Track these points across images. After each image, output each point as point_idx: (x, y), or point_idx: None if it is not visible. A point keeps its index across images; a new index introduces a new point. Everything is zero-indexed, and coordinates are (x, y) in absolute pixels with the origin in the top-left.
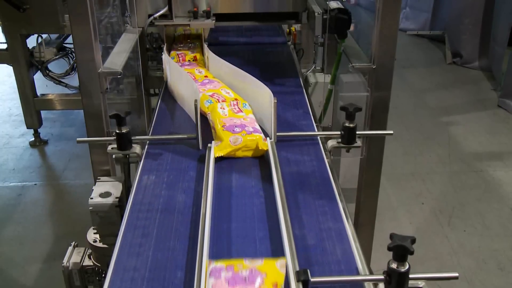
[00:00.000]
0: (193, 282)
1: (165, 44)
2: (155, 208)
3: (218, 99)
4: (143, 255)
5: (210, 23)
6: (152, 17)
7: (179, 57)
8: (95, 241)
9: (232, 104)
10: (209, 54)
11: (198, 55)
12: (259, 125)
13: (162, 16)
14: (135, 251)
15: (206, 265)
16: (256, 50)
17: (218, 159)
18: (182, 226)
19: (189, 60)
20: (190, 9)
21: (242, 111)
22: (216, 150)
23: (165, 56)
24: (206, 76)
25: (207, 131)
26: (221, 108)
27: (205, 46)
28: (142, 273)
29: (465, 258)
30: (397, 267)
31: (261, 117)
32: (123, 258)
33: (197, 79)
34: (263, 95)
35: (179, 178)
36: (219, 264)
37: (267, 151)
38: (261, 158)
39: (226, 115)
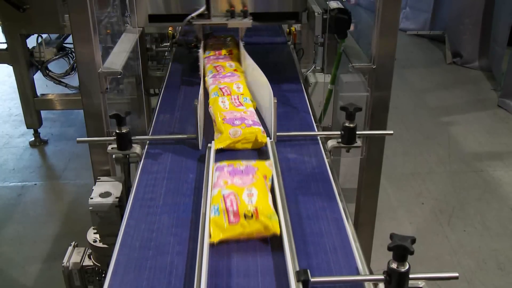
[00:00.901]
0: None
1: (202, 41)
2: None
3: (223, 93)
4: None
5: (247, 22)
6: (190, 16)
7: (215, 52)
8: (95, 241)
9: (233, 98)
10: (242, 51)
11: (234, 50)
12: (261, 119)
13: (200, 16)
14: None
15: (212, 167)
16: (256, 50)
17: (218, 158)
18: (182, 231)
19: (224, 54)
20: (227, 8)
21: (242, 105)
22: (216, 143)
23: (200, 52)
24: (235, 70)
25: (208, 131)
26: (222, 102)
27: (241, 44)
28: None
29: (465, 258)
30: (397, 267)
31: (265, 114)
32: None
33: (223, 72)
34: (265, 93)
35: (179, 178)
36: (223, 163)
37: (266, 148)
38: (261, 158)
39: (226, 108)
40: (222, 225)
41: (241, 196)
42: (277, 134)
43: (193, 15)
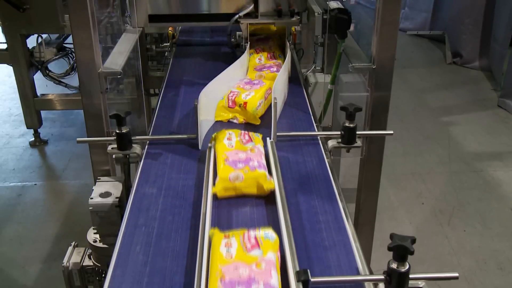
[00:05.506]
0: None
1: (249, 43)
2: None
3: (229, 97)
4: None
5: (295, 21)
6: (237, 16)
7: (256, 52)
8: (95, 241)
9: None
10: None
11: (277, 52)
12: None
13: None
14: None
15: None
16: None
17: None
18: (182, 230)
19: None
20: (274, 8)
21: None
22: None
23: (246, 52)
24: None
25: (209, 132)
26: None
27: (287, 43)
28: None
29: (465, 258)
30: (397, 267)
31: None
32: None
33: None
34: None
35: (179, 178)
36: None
37: (267, 151)
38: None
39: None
40: None
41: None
42: (277, 134)
43: (240, 14)
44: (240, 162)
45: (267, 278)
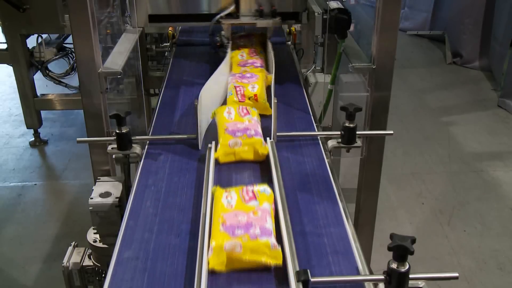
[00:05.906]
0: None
1: (231, 42)
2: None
3: (237, 92)
4: None
5: (277, 21)
6: (218, 16)
7: (238, 48)
8: (95, 241)
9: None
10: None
11: (258, 48)
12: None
13: (228, 15)
14: None
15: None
16: None
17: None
18: (182, 230)
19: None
20: (256, 8)
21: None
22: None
23: (229, 52)
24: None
25: (208, 131)
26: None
27: (269, 43)
28: None
29: (465, 258)
30: (397, 267)
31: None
32: None
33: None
34: None
35: (179, 178)
36: None
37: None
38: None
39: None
40: None
41: None
42: (277, 134)
43: (221, 14)
44: (239, 131)
45: (263, 223)
